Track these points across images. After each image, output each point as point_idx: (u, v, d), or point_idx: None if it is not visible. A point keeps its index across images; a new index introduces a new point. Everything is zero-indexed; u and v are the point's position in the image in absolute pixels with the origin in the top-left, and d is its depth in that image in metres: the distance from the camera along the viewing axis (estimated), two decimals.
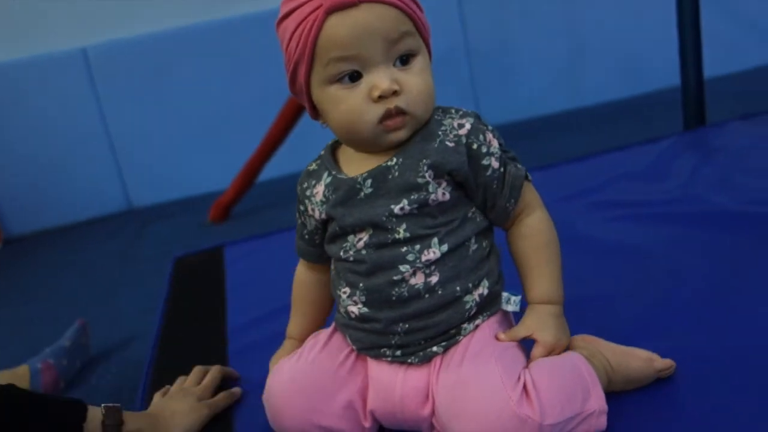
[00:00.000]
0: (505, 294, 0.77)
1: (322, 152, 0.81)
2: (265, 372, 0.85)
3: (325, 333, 0.81)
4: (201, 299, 1.35)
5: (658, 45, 2.92)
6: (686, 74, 1.89)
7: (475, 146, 0.73)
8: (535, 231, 0.78)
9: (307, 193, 0.78)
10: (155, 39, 2.94)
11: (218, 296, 1.31)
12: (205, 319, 1.23)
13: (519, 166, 0.77)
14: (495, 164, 0.74)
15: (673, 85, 2.09)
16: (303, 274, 0.89)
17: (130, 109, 2.99)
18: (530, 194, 0.78)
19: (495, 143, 0.75)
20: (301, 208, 0.82)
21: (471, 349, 0.73)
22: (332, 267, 0.80)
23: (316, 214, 0.78)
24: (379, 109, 0.69)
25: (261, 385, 0.82)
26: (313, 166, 0.80)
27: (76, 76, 2.93)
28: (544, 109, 3.23)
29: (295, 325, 0.90)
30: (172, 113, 3.00)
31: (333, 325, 0.82)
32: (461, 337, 0.74)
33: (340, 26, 0.67)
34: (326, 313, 0.90)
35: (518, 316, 0.79)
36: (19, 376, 1.42)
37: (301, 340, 0.85)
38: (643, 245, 1.17)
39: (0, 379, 1.39)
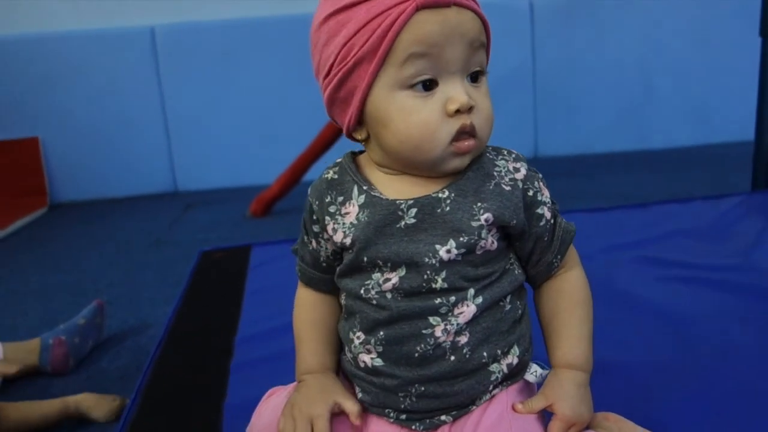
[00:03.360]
0: (533, 365, 0.69)
1: (341, 160, 0.70)
2: (261, 394, 0.79)
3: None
4: (218, 300, 1.31)
5: (735, 95, 2.80)
6: (762, 130, 1.78)
7: (531, 193, 0.66)
8: (570, 287, 0.70)
9: (331, 209, 0.67)
10: (223, 26, 2.95)
11: (235, 299, 1.27)
12: (217, 323, 1.19)
13: (565, 219, 0.70)
14: (548, 214, 0.67)
15: (746, 140, 1.98)
16: (309, 298, 0.74)
17: (189, 93, 3.01)
18: (572, 250, 0.71)
19: (546, 192, 0.68)
20: (315, 228, 0.69)
21: (484, 423, 0.64)
22: (342, 301, 0.70)
23: (339, 237, 0.66)
24: (453, 126, 0.61)
25: (252, 409, 0.76)
26: (332, 175, 0.69)
27: (142, 54, 2.96)
28: (605, 147, 3.12)
29: (323, 352, 0.72)
30: (229, 102, 3.01)
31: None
32: (474, 407, 0.66)
33: (430, 22, 0.59)
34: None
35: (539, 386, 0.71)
36: (30, 349, 1.41)
37: (335, 371, 0.72)
38: (690, 314, 1.08)
39: (11, 352, 1.39)
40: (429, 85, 0.61)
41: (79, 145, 2.99)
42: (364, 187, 0.66)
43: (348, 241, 0.65)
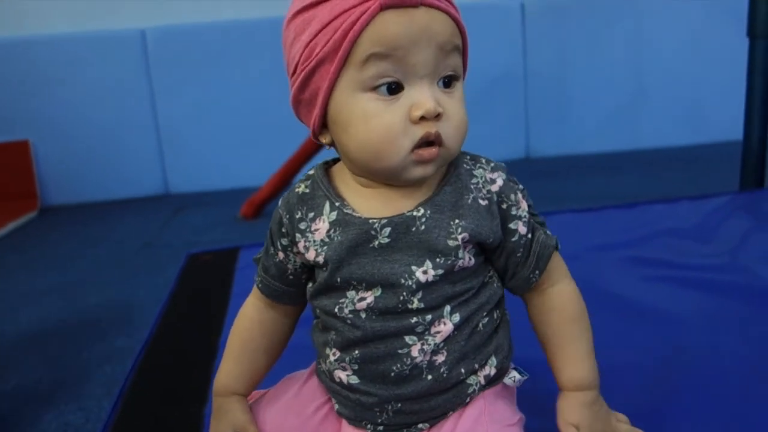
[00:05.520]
0: (511, 370, 0.68)
1: (312, 172, 0.66)
2: None
3: (299, 378, 0.72)
4: (204, 302, 1.30)
5: (724, 96, 2.81)
6: (750, 130, 1.79)
7: (504, 206, 0.63)
8: (561, 304, 0.67)
9: (301, 226, 0.64)
10: (214, 29, 2.95)
11: (222, 302, 1.26)
12: (203, 325, 1.19)
13: (548, 233, 0.67)
14: (522, 229, 0.64)
15: (734, 140, 1.98)
16: (259, 313, 0.71)
17: (180, 96, 3.00)
18: (557, 263, 0.68)
19: (524, 205, 0.65)
20: (284, 241, 0.66)
21: (460, 427, 0.63)
22: (316, 315, 0.68)
23: (311, 255, 0.63)
24: (416, 133, 0.57)
25: None
26: (304, 189, 0.65)
27: (132, 57, 2.95)
28: (595, 147, 3.12)
29: (238, 375, 0.71)
30: (220, 104, 3.00)
31: (310, 368, 0.73)
32: (451, 413, 0.65)
33: (394, 23, 0.56)
34: (273, 364, 0.74)
35: (520, 389, 0.70)
36: None
37: (247, 394, 0.71)
38: (677, 314, 1.08)
39: None
40: (394, 89, 0.57)
41: (69, 148, 2.98)
42: (336, 203, 0.63)
43: (321, 260, 0.63)
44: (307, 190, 0.65)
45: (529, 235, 0.65)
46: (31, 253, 2.41)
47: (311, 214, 0.64)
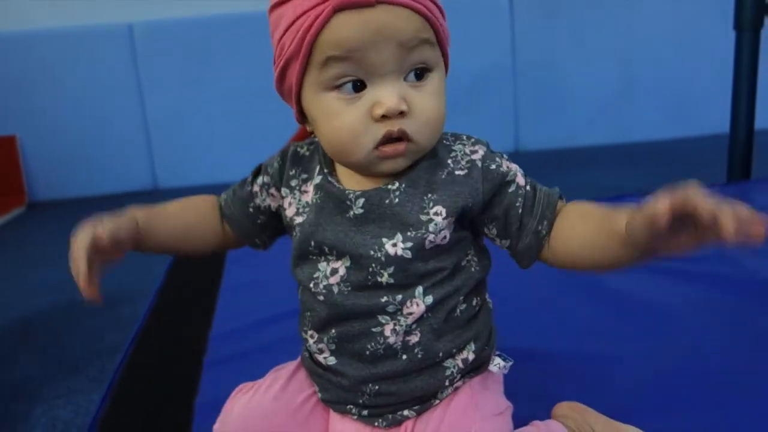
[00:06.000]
0: (495, 357, 0.67)
1: (317, 139, 0.66)
2: (228, 392, 0.79)
3: (287, 369, 0.72)
4: (193, 296, 1.31)
5: (712, 89, 2.82)
6: (736, 123, 1.80)
7: (493, 166, 0.62)
8: (574, 211, 0.61)
9: (292, 183, 0.67)
10: (202, 22, 2.93)
11: (211, 297, 1.26)
12: (192, 319, 1.19)
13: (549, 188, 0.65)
14: (521, 180, 0.62)
15: (722, 132, 1.99)
16: (208, 212, 0.73)
17: (168, 90, 2.98)
18: None
19: (513, 166, 0.63)
20: (266, 179, 0.69)
21: (448, 417, 0.64)
22: (299, 297, 0.69)
23: (291, 212, 0.66)
24: (378, 131, 0.57)
25: (219, 407, 0.76)
26: (305, 151, 0.68)
27: (120, 51, 2.93)
28: (585, 141, 3.13)
29: (149, 211, 0.69)
30: (209, 99, 2.98)
31: (298, 360, 0.73)
32: (437, 401, 0.66)
33: (347, 26, 0.55)
34: (181, 246, 0.74)
35: (507, 377, 0.70)
36: None
37: (141, 225, 0.67)
38: (664, 304, 1.09)
39: None
40: (359, 86, 0.58)
41: (57, 143, 2.95)
42: (325, 170, 0.65)
43: (299, 219, 0.65)
44: (307, 153, 0.68)
45: (529, 187, 0.63)
46: (18, 249, 2.39)
47: (304, 176, 0.66)
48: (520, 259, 0.64)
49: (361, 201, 0.62)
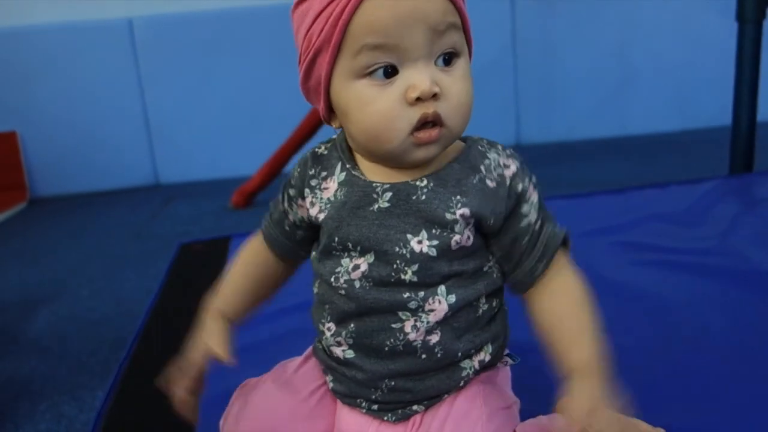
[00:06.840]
0: (505, 356, 0.68)
1: (336, 137, 0.68)
2: (236, 385, 0.79)
3: (293, 363, 0.72)
4: (197, 291, 1.29)
5: (714, 81, 2.82)
6: (738, 115, 1.80)
7: (520, 188, 0.63)
8: (567, 288, 0.64)
9: (312, 183, 0.66)
10: (202, 17, 2.92)
11: (214, 291, 1.26)
12: (195, 315, 1.18)
13: (558, 227, 0.66)
14: (533, 216, 0.63)
15: (723, 125, 1.99)
16: (261, 255, 0.74)
17: (169, 85, 2.98)
18: (563, 259, 0.65)
19: (535, 196, 0.64)
20: (292, 192, 0.68)
21: (455, 411, 0.64)
22: (315, 289, 0.69)
23: (314, 211, 0.65)
24: (413, 115, 0.57)
25: (225, 401, 0.76)
26: (323, 150, 0.68)
27: (120, 46, 2.92)
28: (585, 133, 3.13)
29: (229, 296, 0.76)
30: (210, 94, 2.98)
31: (305, 354, 0.73)
32: (446, 396, 0.66)
33: (380, 9, 0.55)
34: (263, 300, 0.77)
35: (514, 368, 0.71)
36: None
37: (233, 320, 0.74)
38: (668, 298, 1.09)
39: None
40: (390, 72, 0.57)
41: (58, 138, 2.95)
42: (348, 165, 0.64)
43: (322, 216, 0.64)
44: (325, 152, 0.68)
45: (538, 225, 0.64)
46: (20, 245, 2.39)
47: (324, 173, 0.66)
48: (511, 288, 0.67)
49: (389, 195, 0.62)
